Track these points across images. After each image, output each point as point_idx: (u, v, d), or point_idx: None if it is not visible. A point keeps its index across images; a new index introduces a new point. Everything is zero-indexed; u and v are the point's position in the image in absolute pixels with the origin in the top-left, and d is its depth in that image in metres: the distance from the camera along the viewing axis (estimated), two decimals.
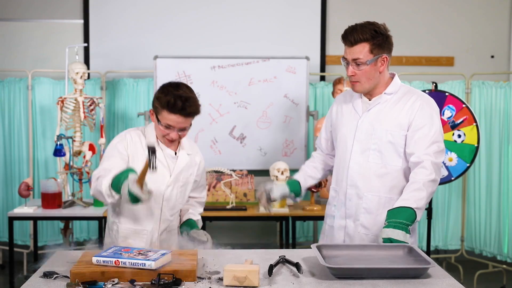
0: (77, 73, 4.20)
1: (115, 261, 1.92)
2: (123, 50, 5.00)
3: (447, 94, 3.96)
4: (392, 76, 2.53)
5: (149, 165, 2.09)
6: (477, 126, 3.86)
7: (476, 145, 3.85)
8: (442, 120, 3.95)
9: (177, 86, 2.39)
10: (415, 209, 2.29)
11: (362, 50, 2.39)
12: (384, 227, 2.27)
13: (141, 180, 2.08)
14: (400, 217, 2.26)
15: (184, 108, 2.34)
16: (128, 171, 2.14)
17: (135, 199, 2.10)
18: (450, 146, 3.92)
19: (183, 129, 2.42)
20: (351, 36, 2.41)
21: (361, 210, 2.48)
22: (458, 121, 3.91)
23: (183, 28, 5.02)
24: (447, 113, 3.95)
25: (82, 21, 5.02)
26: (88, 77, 4.94)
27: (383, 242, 2.22)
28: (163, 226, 2.50)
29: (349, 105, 2.59)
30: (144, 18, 5.02)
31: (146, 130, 2.52)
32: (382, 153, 2.44)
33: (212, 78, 4.56)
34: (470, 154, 3.87)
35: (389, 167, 2.44)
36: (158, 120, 2.39)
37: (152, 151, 2.12)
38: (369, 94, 2.51)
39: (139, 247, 2.18)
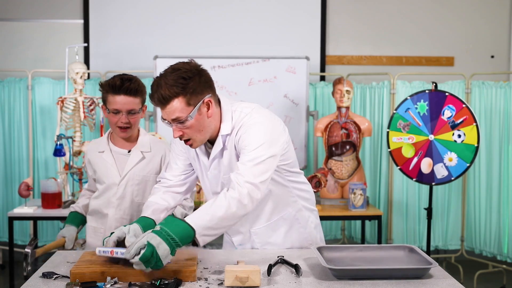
0: (77, 73, 4.20)
1: (111, 251, 1.95)
2: (123, 50, 5.00)
3: (447, 94, 3.96)
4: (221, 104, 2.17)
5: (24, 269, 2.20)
6: (477, 126, 3.86)
7: (476, 145, 3.85)
8: (442, 120, 3.95)
9: (121, 74, 2.50)
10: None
11: (177, 107, 2.01)
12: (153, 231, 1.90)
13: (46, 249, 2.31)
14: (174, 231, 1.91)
15: (125, 85, 2.41)
16: (69, 224, 2.64)
17: None
18: (450, 146, 3.92)
19: (132, 112, 2.46)
20: (158, 95, 2.01)
21: (258, 244, 2.32)
22: (458, 121, 3.91)
23: (183, 28, 5.02)
24: (447, 113, 3.94)
25: (82, 21, 5.02)
26: (88, 77, 4.94)
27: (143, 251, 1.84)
28: (118, 224, 2.50)
29: (195, 155, 2.26)
30: (144, 18, 5.02)
31: (101, 139, 2.66)
32: None
33: (212, 78, 4.55)
34: (470, 154, 3.86)
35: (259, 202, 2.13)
36: (108, 110, 2.47)
37: (24, 256, 2.21)
38: None
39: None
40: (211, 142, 2.19)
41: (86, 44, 4.77)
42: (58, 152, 4.04)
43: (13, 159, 4.81)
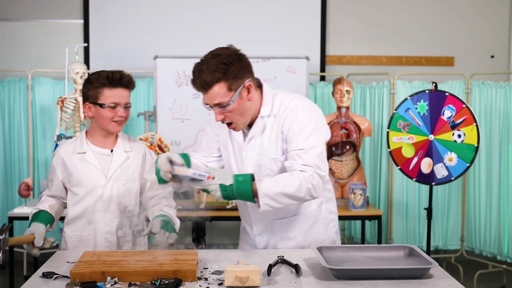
0: (77, 73, 4.20)
1: (208, 176, 2.04)
2: (123, 50, 5.00)
3: (447, 94, 3.96)
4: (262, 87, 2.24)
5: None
6: (477, 126, 3.86)
7: (476, 145, 3.85)
8: (442, 120, 3.95)
9: (107, 70, 2.43)
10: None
11: (219, 92, 2.08)
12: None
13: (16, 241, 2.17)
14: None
15: (123, 78, 2.37)
16: (36, 222, 2.34)
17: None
18: (450, 146, 3.92)
19: (127, 106, 2.41)
20: (200, 80, 2.09)
21: (275, 239, 2.35)
22: (458, 121, 3.91)
23: (183, 28, 5.02)
24: (447, 113, 3.94)
25: (82, 21, 5.02)
26: None
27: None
28: (108, 228, 2.41)
29: (228, 134, 2.32)
30: (144, 18, 5.02)
31: (77, 140, 2.50)
32: None
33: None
34: (470, 154, 3.86)
35: None
36: (101, 105, 2.37)
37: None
38: None
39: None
40: (248, 124, 2.25)
41: (86, 44, 4.77)
42: None
43: (13, 159, 4.81)
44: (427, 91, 4.00)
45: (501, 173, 4.60)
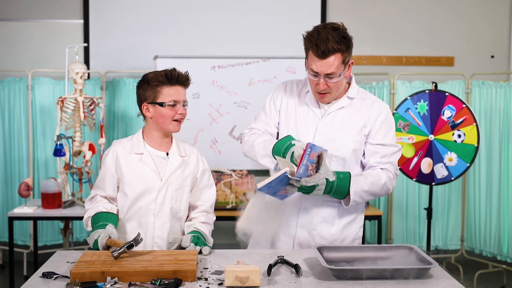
0: (77, 73, 4.20)
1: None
2: (123, 50, 5.00)
3: (447, 94, 3.96)
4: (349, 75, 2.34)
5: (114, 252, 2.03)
6: (477, 126, 3.86)
7: (476, 145, 3.85)
8: (442, 120, 3.95)
9: (156, 70, 2.42)
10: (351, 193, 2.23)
11: (334, 63, 2.19)
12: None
13: (113, 243, 2.13)
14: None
15: (180, 76, 2.36)
16: (107, 223, 2.24)
17: (96, 248, 2.18)
18: (450, 146, 3.92)
19: (185, 104, 2.37)
20: (324, 46, 2.15)
21: (318, 220, 2.35)
22: (458, 121, 3.91)
23: (183, 28, 5.02)
24: (447, 113, 3.95)
25: (82, 21, 5.02)
26: (88, 77, 4.94)
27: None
28: (159, 232, 2.37)
29: (302, 103, 2.39)
30: (144, 18, 5.02)
31: (134, 139, 2.43)
32: (345, 161, 2.30)
33: (212, 78, 4.56)
34: (470, 154, 3.86)
35: None
36: (161, 104, 2.32)
37: (129, 246, 2.06)
38: None
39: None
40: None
41: (86, 44, 4.77)
42: (58, 152, 4.04)
43: (13, 159, 4.81)
44: (427, 91, 4.00)
45: (501, 173, 4.60)
